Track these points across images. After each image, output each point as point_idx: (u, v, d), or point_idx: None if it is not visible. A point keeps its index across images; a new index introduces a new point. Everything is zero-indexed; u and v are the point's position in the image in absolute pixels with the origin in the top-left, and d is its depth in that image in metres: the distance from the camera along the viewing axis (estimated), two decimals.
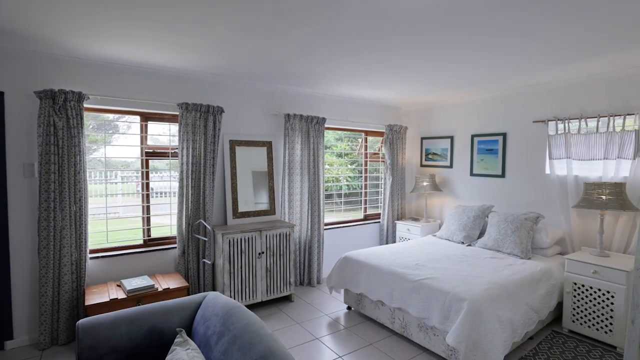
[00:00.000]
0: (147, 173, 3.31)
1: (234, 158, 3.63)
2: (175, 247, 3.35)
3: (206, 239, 3.30)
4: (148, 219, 3.32)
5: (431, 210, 4.90)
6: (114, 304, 2.61)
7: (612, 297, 2.72)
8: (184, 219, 3.28)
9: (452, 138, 4.61)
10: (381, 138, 5.12)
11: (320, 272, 4.19)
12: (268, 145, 3.87)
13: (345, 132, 4.79)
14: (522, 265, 3.04)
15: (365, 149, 4.95)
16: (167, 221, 3.47)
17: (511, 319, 2.43)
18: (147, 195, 3.31)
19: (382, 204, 4.96)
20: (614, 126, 3.12)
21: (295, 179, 3.98)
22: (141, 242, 3.30)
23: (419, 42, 2.46)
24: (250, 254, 3.33)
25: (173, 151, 3.42)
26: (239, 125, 3.71)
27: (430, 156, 4.94)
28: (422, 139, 5.02)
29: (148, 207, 3.32)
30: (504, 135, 3.99)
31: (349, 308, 3.50)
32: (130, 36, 2.38)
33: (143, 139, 3.27)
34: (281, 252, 3.54)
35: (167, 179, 3.58)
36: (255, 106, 3.81)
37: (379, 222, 4.97)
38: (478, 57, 2.79)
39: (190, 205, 3.29)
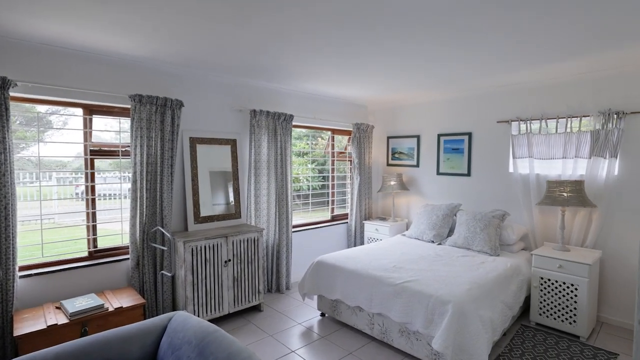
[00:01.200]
0: (93, 174, 2.87)
1: (195, 157, 3.30)
2: (128, 259, 2.95)
3: (165, 248, 2.94)
4: (94, 227, 2.89)
5: (398, 210, 4.91)
6: (53, 332, 2.19)
7: (576, 289, 2.84)
8: (138, 226, 2.89)
9: (418, 137, 4.63)
10: (348, 137, 5.03)
11: (289, 277, 3.98)
12: (232, 143, 3.58)
13: (308, 130, 4.61)
14: (493, 262, 3.09)
15: (332, 148, 4.83)
16: (117, 229, 3.05)
17: (491, 318, 2.42)
18: (93, 200, 2.87)
19: (349, 204, 4.86)
20: (571, 127, 3.28)
21: (262, 179, 3.72)
22: (86, 254, 2.86)
23: (388, 39, 2.39)
24: (215, 263, 3.03)
25: (124, 149, 3.01)
26: (200, 121, 3.38)
27: (396, 155, 4.94)
28: (389, 138, 5.01)
29: (94, 214, 2.88)
30: (470, 134, 4.08)
31: (322, 315, 3.34)
32: (73, 12, 2.00)
33: (87, 135, 2.83)
34: (249, 259, 3.28)
35: (116, 181, 3.15)
36: (219, 101, 3.50)
37: (347, 222, 4.88)
38: (445, 57, 2.79)
39: (145, 210, 2.91)
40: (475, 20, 2.10)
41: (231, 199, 3.55)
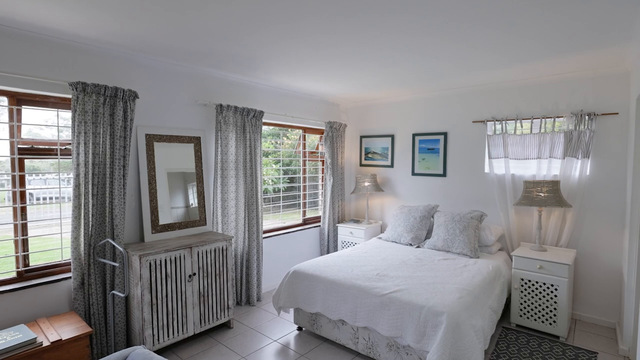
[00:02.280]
0: (23, 177, 2.37)
1: (152, 157, 2.88)
2: (70, 278, 2.48)
3: (116, 264, 2.51)
4: (25, 241, 2.39)
5: (372, 211, 4.76)
6: None
7: (556, 289, 2.84)
8: (82, 239, 2.43)
9: (392, 137, 4.51)
10: (319, 136, 4.79)
11: (260, 288, 3.66)
12: (196, 141, 3.19)
13: (272, 128, 4.32)
14: (475, 265, 3.01)
15: (304, 148, 4.57)
16: (55, 243, 2.56)
17: (482, 327, 2.31)
18: (23, 209, 2.37)
19: (322, 207, 4.63)
20: (545, 128, 3.31)
21: (229, 181, 3.37)
22: (14, 274, 2.35)
23: (366, 32, 2.22)
24: (178, 278, 2.65)
25: (64, 147, 2.53)
26: (158, 115, 2.96)
27: (369, 155, 4.79)
28: (362, 137, 4.85)
29: (24, 226, 2.38)
30: (445, 134, 4.01)
31: (300, 329, 3.07)
32: None
33: (14, 129, 2.33)
34: (217, 271, 2.93)
35: (54, 185, 2.65)
36: (180, 93, 3.10)
37: (319, 226, 4.64)
38: (422, 52, 2.68)
39: (91, 219, 2.46)
40: (454, 15, 2.01)
41: (195, 203, 3.16)
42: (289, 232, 4.21)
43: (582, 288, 3.19)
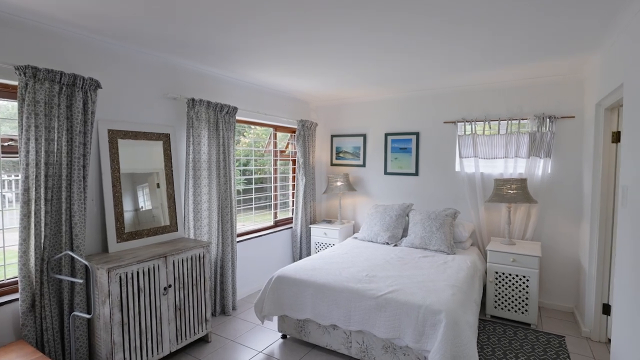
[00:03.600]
0: None
1: (117, 155, 2.54)
2: (17, 300, 2.08)
3: (79, 281, 2.15)
4: None
5: (344, 211, 4.73)
6: None
7: (528, 280, 3.03)
8: (32, 252, 2.05)
9: (364, 136, 4.52)
10: (290, 134, 4.65)
11: (236, 296, 3.43)
12: (165, 138, 2.89)
13: (248, 125, 4.11)
14: (454, 261, 3.10)
15: (275, 147, 4.39)
16: None
17: (474, 322, 2.37)
18: None
19: (294, 208, 4.49)
20: (511, 129, 3.52)
21: (202, 182, 3.11)
22: None
23: (342, 32, 2.21)
24: (152, 291, 2.36)
25: (6, 144, 2.11)
26: (123, 109, 2.62)
27: (341, 155, 4.76)
28: (333, 136, 4.80)
29: None
30: (417, 134, 4.11)
31: (284, 337, 2.92)
32: None
33: None
34: (194, 281, 2.67)
35: None
36: (148, 84, 2.77)
37: (291, 227, 4.50)
38: (395, 56, 2.75)
39: (44, 229, 2.08)
40: (430, 19, 2.06)
41: (165, 207, 2.85)
42: (261, 235, 4.01)
43: (544, 277, 3.46)
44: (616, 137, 2.68)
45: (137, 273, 2.27)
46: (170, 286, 2.47)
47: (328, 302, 2.53)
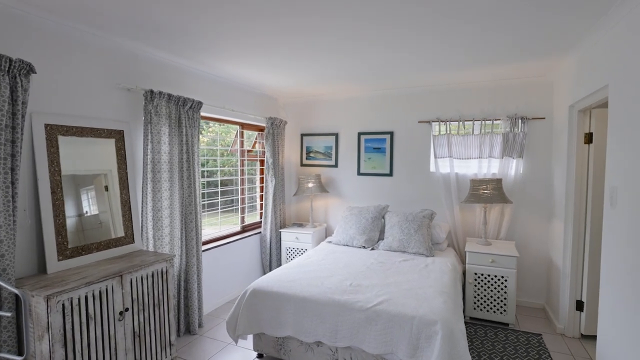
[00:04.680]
0: None
1: (57, 156, 2.11)
2: None
3: (7, 314, 1.72)
4: None
5: (315, 214, 4.52)
6: None
7: (506, 280, 3.03)
8: None
9: (336, 135, 4.35)
10: (257, 133, 4.35)
11: (202, 311, 3.09)
12: (118, 135, 2.48)
13: (217, 123, 3.76)
14: (434, 264, 3.03)
15: (242, 146, 4.07)
16: None
17: (464, 328, 2.27)
18: None
19: (263, 211, 4.20)
20: (485, 129, 3.54)
21: (162, 186, 2.73)
22: None
23: (316, 25, 1.99)
24: (105, 318, 1.97)
25: None
26: (65, 100, 2.18)
27: (312, 155, 4.54)
28: (303, 135, 4.57)
29: None
30: (392, 134, 4.02)
31: (260, 356, 2.64)
32: None
33: None
34: (156, 301, 2.31)
35: None
36: (97, 72, 2.35)
37: (260, 232, 4.20)
38: (372, 51, 2.64)
39: None
40: (411, 14, 1.98)
41: (119, 216, 2.45)
42: (228, 243, 3.67)
43: (518, 275, 3.51)
44: (588, 139, 2.75)
45: (86, 298, 1.88)
46: (127, 310, 2.10)
47: (312, 317, 2.31)
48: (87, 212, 2.26)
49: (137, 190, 2.62)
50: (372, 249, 3.55)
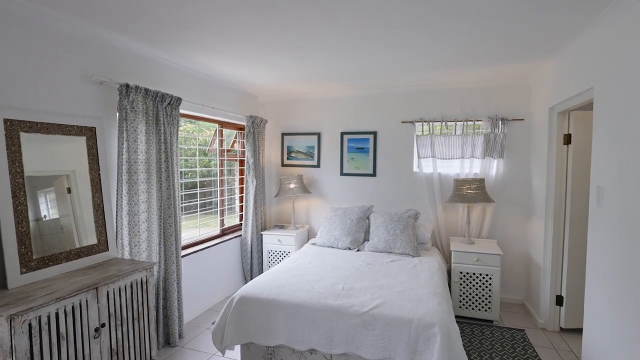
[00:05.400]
0: None
1: (18, 155, 1.87)
2: None
3: None
4: None
5: (296, 215, 4.41)
6: None
7: (490, 278, 3.09)
8: None
9: (319, 135, 4.27)
10: (235, 132, 4.18)
11: (182, 321, 2.90)
12: (89, 133, 2.25)
13: (196, 121, 3.56)
14: (422, 264, 3.03)
15: (221, 145, 3.89)
16: None
17: (458, 329, 2.27)
18: None
19: (244, 213, 4.04)
20: (466, 130, 3.60)
21: (139, 188, 2.52)
22: None
23: (307, 15, 1.94)
24: (78, 336, 1.77)
25: None
26: (27, 93, 1.94)
27: (293, 155, 4.43)
28: (284, 134, 4.45)
29: None
30: (375, 134, 3.99)
31: None
32: None
33: None
34: (135, 314, 2.11)
35: None
36: (66, 62, 2.12)
37: (240, 235, 4.04)
38: (357, 51, 2.63)
39: None
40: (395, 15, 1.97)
41: (91, 221, 2.22)
42: (208, 247, 3.49)
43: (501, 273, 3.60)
44: (567, 140, 2.86)
45: (57, 315, 1.67)
46: (103, 326, 1.90)
47: (305, 324, 2.21)
48: (45, 216, 2.02)
49: (111, 192, 2.40)
50: (358, 250, 3.50)
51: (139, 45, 2.53)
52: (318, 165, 4.29)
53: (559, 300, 2.93)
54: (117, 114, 2.40)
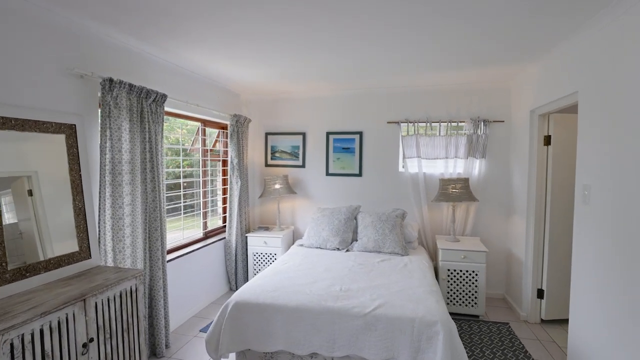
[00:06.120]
0: None
1: None
2: None
3: None
4: None
5: (282, 216, 4.34)
6: None
7: (477, 275, 3.19)
8: None
9: (304, 135, 4.22)
10: (217, 131, 4.03)
11: (169, 330, 2.75)
12: (69, 131, 2.07)
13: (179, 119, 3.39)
14: (412, 263, 3.07)
15: (204, 144, 3.74)
16: None
17: (455, 325, 2.32)
18: None
19: (228, 215, 3.91)
20: (450, 131, 3.70)
21: (123, 190, 2.36)
22: None
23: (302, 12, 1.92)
24: (65, 354, 1.61)
25: None
26: None
27: (277, 155, 4.35)
28: (267, 134, 4.35)
29: None
30: (361, 134, 4.01)
31: None
32: None
33: None
34: (125, 326, 1.97)
35: None
36: (42, 53, 1.93)
37: (224, 238, 3.90)
38: (355, 50, 2.64)
39: None
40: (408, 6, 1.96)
41: (71, 227, 2.04)
42: (191, 252, 3.33)
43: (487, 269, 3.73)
44: (547, 141, 3.01)
45: (41, 332, 1.51)
46: (92, 340, 1.75)
47: (305, 328, 2.17)
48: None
49: (93, 195, 2.21)
50: (347, 250, 3.50)
51: (123, 38, 2.36)
52: (303, 166, 4.24)
53: (540, 294, 3.08)
54: (100, 110, 2.23)
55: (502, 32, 2.24)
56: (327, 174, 4.15)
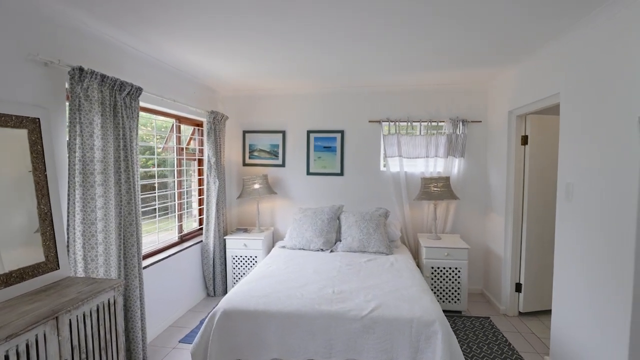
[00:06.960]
0: None
1: None
2: None
3: None
4: None
5: (261, 217, 4.19)
6: None
7: (459, 271, 3.26)
8: None
9: (284, 133, 4.10)
10: (192, 128, 3.82)
11: (146, 343, 2.53)
12: (32, 125, 1.82)
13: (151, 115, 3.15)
14: (398, 262, 3.07)
15: (178, 142, 3.52)
16: None
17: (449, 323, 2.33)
18: None
19: (205, 217, 3.70)
20: (431, 130, 3.76)
21: (95, 191, 2.13)
22: None
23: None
24: None
25: None
26: None
27: (255, 153, 4.20)
28: (245, 132, 4.19)
29: None
30: (342, 132, 3.96)
31: None
32: None
33: None
34: (104, 343, 1.77)
35: None
36: (0, 34, 1.68)
37: (201, 241, 3.70)
38: (342, 49, 2.60)
39: None
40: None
41: (36, 234, 1.80)
42: (167, 257, 3.11)
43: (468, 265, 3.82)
44: (524, 141, 3.13)
45: (7, 358, 1.30)
46: None
47: (301, 334, 2.08)
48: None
49: (60, 197, 1.97)
50: (331, 251, 3.44)
51: (97, 25, 2.13)
52: (283, 165, 4.13)
53: (518, 287, 3.20)
54: (68, 103, 1.99)
55: (493, 32, 2.26)
56: (308, 173, 4.07)
